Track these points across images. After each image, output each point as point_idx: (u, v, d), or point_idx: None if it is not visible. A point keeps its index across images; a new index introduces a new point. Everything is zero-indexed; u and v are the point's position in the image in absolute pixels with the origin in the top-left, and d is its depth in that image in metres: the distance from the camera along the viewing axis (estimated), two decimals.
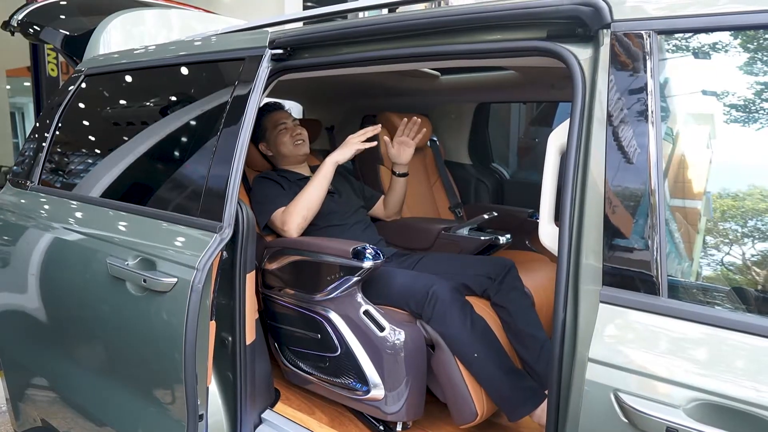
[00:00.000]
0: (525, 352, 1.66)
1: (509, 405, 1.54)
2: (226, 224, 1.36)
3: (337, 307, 1.61)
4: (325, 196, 1.87)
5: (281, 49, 1.45)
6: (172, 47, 1.76)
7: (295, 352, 1.78)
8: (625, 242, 0.92)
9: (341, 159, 1.86)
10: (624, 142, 0.94)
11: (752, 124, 0.89)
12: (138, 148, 1.72)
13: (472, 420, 1.53)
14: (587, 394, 0.90)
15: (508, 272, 1.77)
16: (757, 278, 0.85)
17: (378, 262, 1.54)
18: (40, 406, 1.92)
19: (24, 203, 1.97)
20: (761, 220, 0.86)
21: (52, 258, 1.75)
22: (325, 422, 1.72)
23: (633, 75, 0.95)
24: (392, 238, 2.23)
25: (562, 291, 0.99)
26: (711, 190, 0.92)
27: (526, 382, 1.57)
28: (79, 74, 2.04)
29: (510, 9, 1.09)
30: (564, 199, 1.00)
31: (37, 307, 1.81)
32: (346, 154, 1.86)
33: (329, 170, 1.86)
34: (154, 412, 1.48)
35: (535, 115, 3.57)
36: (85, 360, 1.72)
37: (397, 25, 1.26)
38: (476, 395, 1.53)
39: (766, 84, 0.88)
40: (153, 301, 1.41)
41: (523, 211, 2.47)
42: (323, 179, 1.85)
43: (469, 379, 1.53)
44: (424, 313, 1.57)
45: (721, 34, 0.91)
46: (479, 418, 1.53)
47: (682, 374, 0.83)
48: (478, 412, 1.53)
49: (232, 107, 1.46)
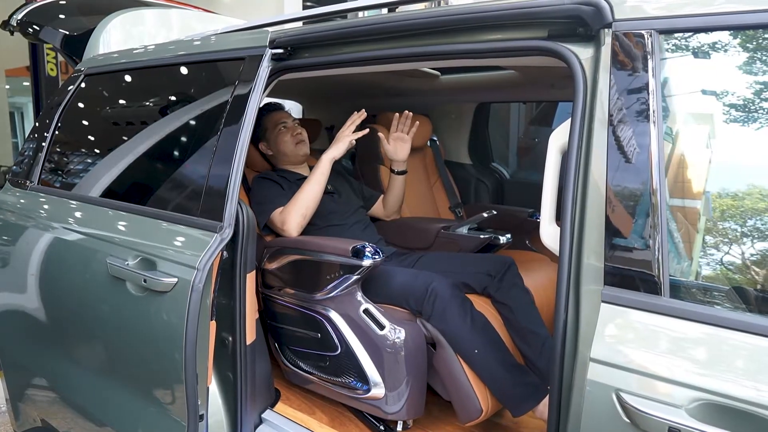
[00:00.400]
0: (527, 348, 1.66)
1: (512, 401, 1.54)
2: (226, 224, 1.35)
3: (337, 306, 1.61)
4: (322, 193, 1.87)
5: (281, 49, 1.45)
6: (172, 47, 1.76)
7: (296, 352, 1.78)
8: (626, 242, 0.92)
9: (337, 154, 1.87)
10: (625, 142, 0.94)
11: (754, 123, 0.88)
12: (138, 147, 1.71)
13: (477, 417, 1.53)
14: (589, 394, 0.90)
15: (508, 269, 1.78)
16: (759, 278, 0.85)
17: (377, 261, 1.54)
18: (40, 407, 1.92)
19: (24, 203, 1.97)
20: (762, 220, 0.86)
21: (51, 258, 1.75)
22: (325, 422, 1.72)
23: (634, 74, 0.95)
24: (392, 237, 2.23)
25: (563, 291, 0.98)
26: (713, 189, 0.92)
27: (528, 377, 1.57)
28: (78, 74, 2.03)
29: (511, 8, 1.09)
30: (565, 198, 1.00)
31: (37, 307, 1.80)
32: (340, 149, 1.86)
33: (326, 167, 1.86)
34: (154, 412, 1.48)
35: (535, 114, 3.57)
36: (85, 360, 1.71)
37: (398, 24, 1.26)
38: (480, 392, 1.53)
39: (767, 84, 0.87)
40: (153, 301, 1.41)
41: (523, 211, 2.46)
42: (321, 176, 1.85)
43: (472, 376, 1.53)
44: (423, 311, 1.57)
45: (723, 34, 0.91)
46: (484, 415, 1.53)
47: (684, 374, 0.83)
48: (483, 408, 1.52)
49: (232, 107, 1.46)
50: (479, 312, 1.59)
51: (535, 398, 1.54)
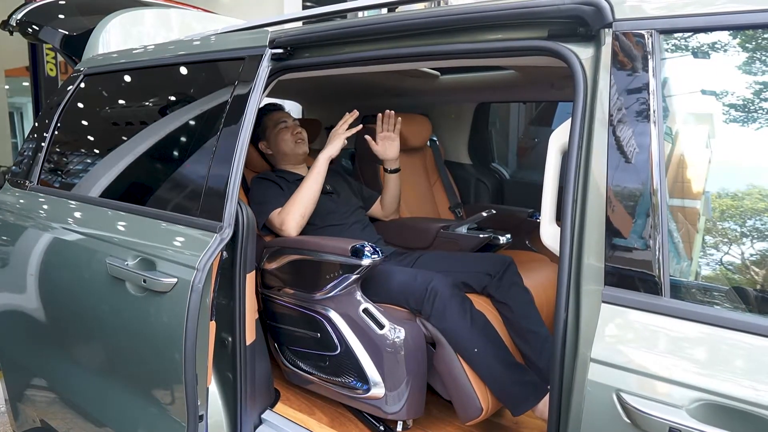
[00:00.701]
0: (527, 347, 1.66)
1: (512, 399, 1.54)
2: (226, 224, 1.35)
3: (337, 306, 1.61)
4: (320, 192, 1.88)
5: (281, 49, 1.44)
6: (171, 47, 1.75)
7: (295, 352, 1.78)
8: (626, 242, 0.92)
9: (333, 152, 1.89)
10: (625, 142, 0.94)
11: (754, 123, 0.88)
12: (137, 148, 1.71)
13: (477, 416, 1.53)
14: (589, 394, 0.90)
15: (507, 268, 1.78)
16: (759, 278, 0.85)
17: (377, 260, 1.54)
18: (40, 407, 1.91)
19: (23, 203, 1.96)
20: (762, 220, 0.86)
21: (51, 258, 1.75)
22: (325, 422, 1.72)
23: (635, 74, 0.94)
24: (391, 237, 2.23)
25: (563, 291, 0.98)
26: (713, 189, 0.92)
27: (527, 376, 1.57)
28: (78, 74, 2.03)
29: (511, 8, 1.09)
30: (566, 198, 1.00)
31: (37, 307, 1.80)
32: (336, 146, 1.89)
33: (323, 166, 1.88)
34: (154, 412, 1.48)
35: (535, 114, 3.57)
36: (84, 360, 1.71)
37: (398, 24, 1.26)
38: (480, 391, 1.53)
39: (767, 84, 0.87)
40: (153, 301, 1.40)
41: (523, 211, 2.46)
42: (318, 175, 1.87)
43: (472, 375, 1.53)
44: (423, 310, 1.57)
45: (723, 34, 0.90)
46: (484, 414, 1.53)
47: (684, 374, 0.83)
48: (483, 407, 1.52)
49: (232, 107, 1.46)
50: (479, 311, 1.59)
51: (535, 397, 1.54)
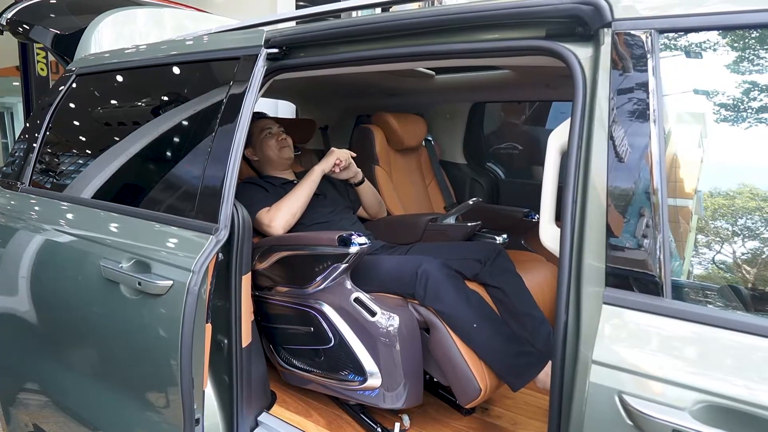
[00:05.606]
0: (523, 330, 1.66)
1: (513, 372, 1.54)
2: (222, 225, 1.34)
3: (328, 298, 1.61)
4: (310, 199, 1.93)
5: (277, 49, 1.43)
6: (165, 47, 1.74)
7: (290, 350, 1.77)
8: (627, 243, 0.92)
9: (327, 167, 1.99)
10: (625, 142, 0.93)
11: (753, 122, 0.88)
12: (131, 148, 1.69)
13: (476, 396, 1.52)
14: (591, 396, 0.89)
15: (498, 254, 1.78)
16: (760, 278, 0.85)
17: (364, 247, 1.53)
18: (32, 411, 1.89)
19: (14, 205, 1.94)
20: (761, 220, 0.86)
21: (43, 260, 1.73)
22: (322, 425, 1.71)
23: (634, 74, 0.94)
24: (381, 234, 2.22)
25: (564, 292, 0.98)
26: (713, 189, 0.91)
27: (527, 347, 1.58)
28: (70, 74, 2.01)
29: (509, 8, 1.08)
30: (565, 199, 0.99)
31: (29, 310, 1.78)
32: (330, 162, 1.99)
33: (317, 176, 1.96)
34: (149, 416, 1.46)
35: (529, 113, 3.56)
36: (78, 364, 1.69)
37: (394, 24, 1.25)
38: (477, 371, 1.52)
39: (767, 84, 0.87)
40: (148, 303, 1.39)
41: (519, 211, 2.46)
42: (312, 183, 1.94)
43: (468, 356, 1.52)
44: (416, 294, 1.57)
45: (722, 33, 0.90)
46: (483, 395, 1.52)
47: (686, 376, 0.82)
48: (481, 387, 1.51)
49: (227, 107, 1.44)
50: (472, 289, 1.59)
51: (536, 368, 1.55)
